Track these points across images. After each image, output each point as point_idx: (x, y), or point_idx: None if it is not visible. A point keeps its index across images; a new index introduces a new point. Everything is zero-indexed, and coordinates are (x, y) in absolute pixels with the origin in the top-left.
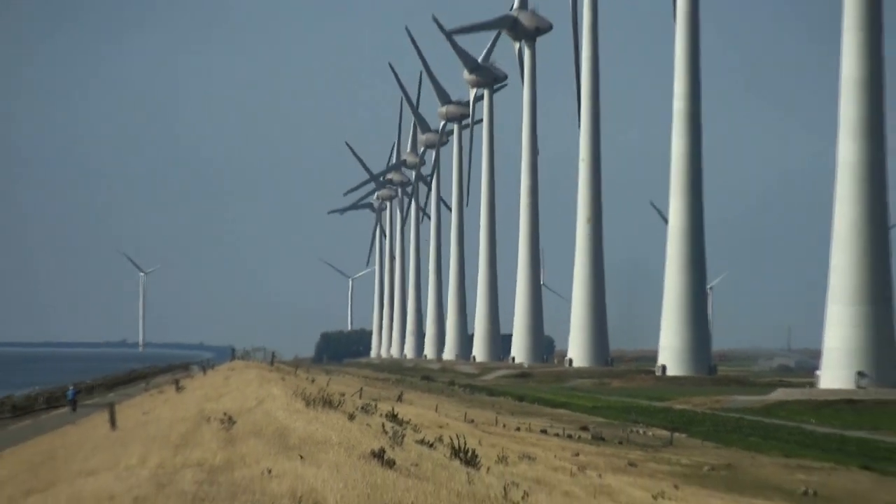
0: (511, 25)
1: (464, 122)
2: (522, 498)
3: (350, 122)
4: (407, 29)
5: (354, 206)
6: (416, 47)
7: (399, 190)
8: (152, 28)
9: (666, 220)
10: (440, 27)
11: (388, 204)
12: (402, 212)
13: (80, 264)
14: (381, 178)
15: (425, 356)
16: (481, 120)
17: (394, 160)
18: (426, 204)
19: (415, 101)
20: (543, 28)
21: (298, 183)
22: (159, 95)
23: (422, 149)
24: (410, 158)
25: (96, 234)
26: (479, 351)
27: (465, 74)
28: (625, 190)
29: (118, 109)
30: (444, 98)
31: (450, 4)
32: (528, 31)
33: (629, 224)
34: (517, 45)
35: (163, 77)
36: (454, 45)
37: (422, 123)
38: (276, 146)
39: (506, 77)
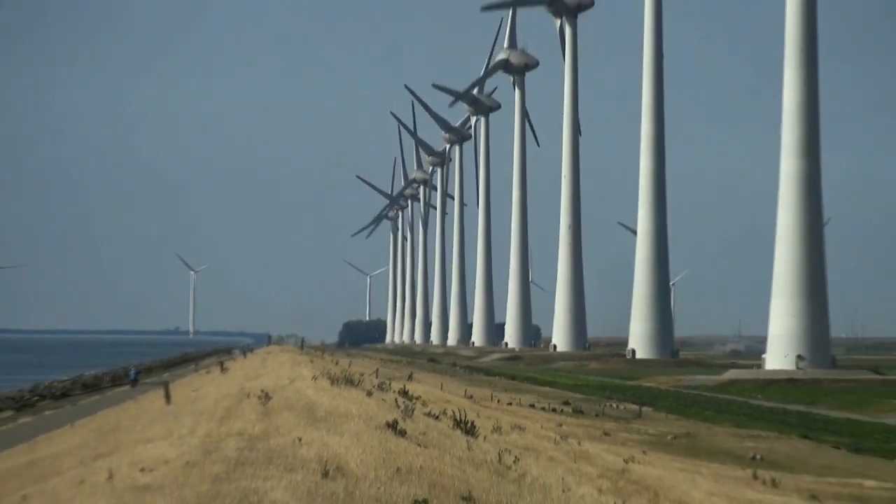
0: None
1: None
2: (514, 462)
3: (358, 150)
4: (407, 87)
5: (375, 221)
6: (415, 98)
7: (409, 202)
8: (190, 66)
9: (635, 233)
10: (446, 89)
11: (400, 213)
12: (411, 220)
13: (142, 264)
14: (395, 197)
15: (431, 342)
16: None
17: (401, 178)
18: (427, 213)
19: (417, 130)
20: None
21: (324, 200)
22: (213, 129)
23: (428, 168)
24: (419, 175)
25: (156, 239)
26: (477, 337)
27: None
28: (601, 201)
29: (181, 129)
30: (445, 126)
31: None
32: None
33: (605, 230)
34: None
35: (209, 111)
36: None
37: (425, 147)
38: (307, 177)
39: (499, 106)
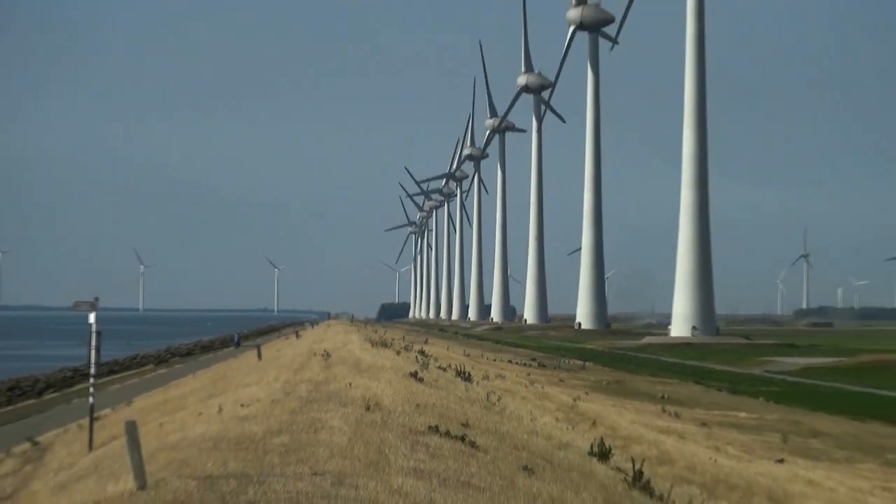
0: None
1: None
2: (497, 400)
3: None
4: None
5: (402, 226)
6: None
7: (427, 216)
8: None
9: (579, 250)
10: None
11: (424, 222)
12: (430, 228)
13: (242, 263)
14: (422, 202)
15: (441, 317)
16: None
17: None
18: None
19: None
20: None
21: (368, 211)
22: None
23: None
24: (446, 188)
25: (252, 245)
26: (472, 314)
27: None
28: (563, 216)
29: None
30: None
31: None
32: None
33: (564, 242)
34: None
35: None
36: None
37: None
38: (358, 190)
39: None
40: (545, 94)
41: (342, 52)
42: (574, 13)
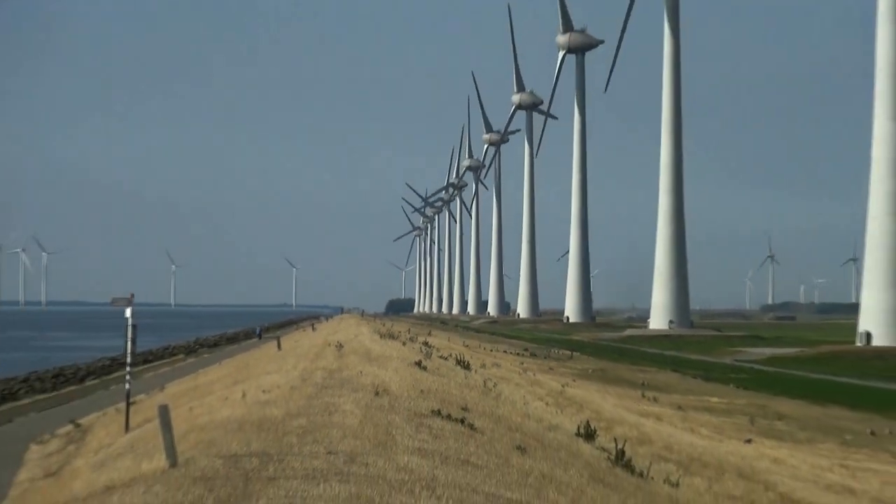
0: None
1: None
2: (493, 386)
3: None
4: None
5: (408, 233)
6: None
7: (430, 219)
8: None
9: (566, 254)
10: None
11: (427, 226)
12: (432, 233)
13: (265, 263)
14: (424, 209)
15: (443, 312)
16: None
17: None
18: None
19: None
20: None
21: (377, 215)
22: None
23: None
24: (447, 195)
25: (275, 247)
26: (471, 308)
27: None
28: (555, 216)
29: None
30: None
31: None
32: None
33: (554, 242)
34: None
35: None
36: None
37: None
38: (368, 196)
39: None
40: (542, 107)
41: (344, 73)
42: (563, 39)
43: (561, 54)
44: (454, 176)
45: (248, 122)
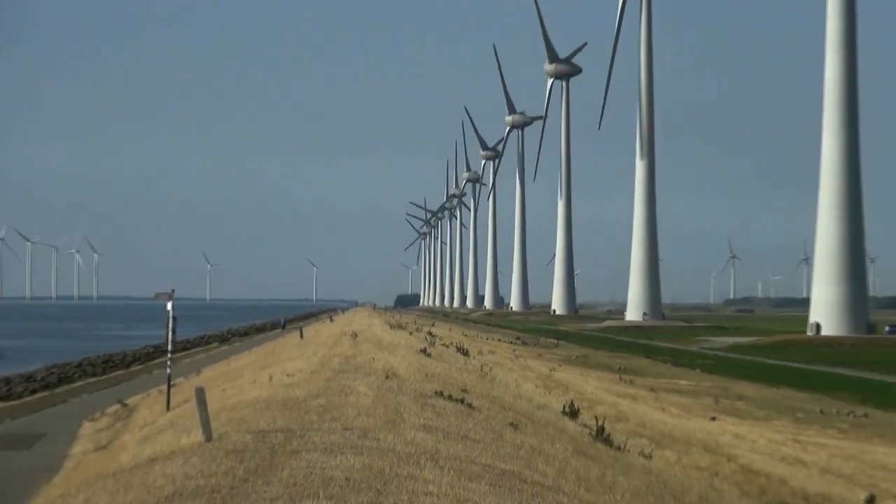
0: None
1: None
2: (489, 370)
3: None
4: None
5: (415, 240)
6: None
7: (432, 226)
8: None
9: (552, 260)
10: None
11: (431, 231)
12: (432, 238)
13: (287, 264)
14: (433, 216)
15: (445, 305)
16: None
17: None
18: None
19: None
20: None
21: (388, 220)
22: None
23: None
24: (449, 203)
25: (299, 250)
26: (470, 302)
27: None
28: (545, 218)
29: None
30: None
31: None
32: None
33: (543, 242)
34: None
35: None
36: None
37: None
38: (380, 203)
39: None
40: (532, 126)
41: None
42: (549, 68)
43: (550, 82)
44: (454, 186)
45: (276, 139)
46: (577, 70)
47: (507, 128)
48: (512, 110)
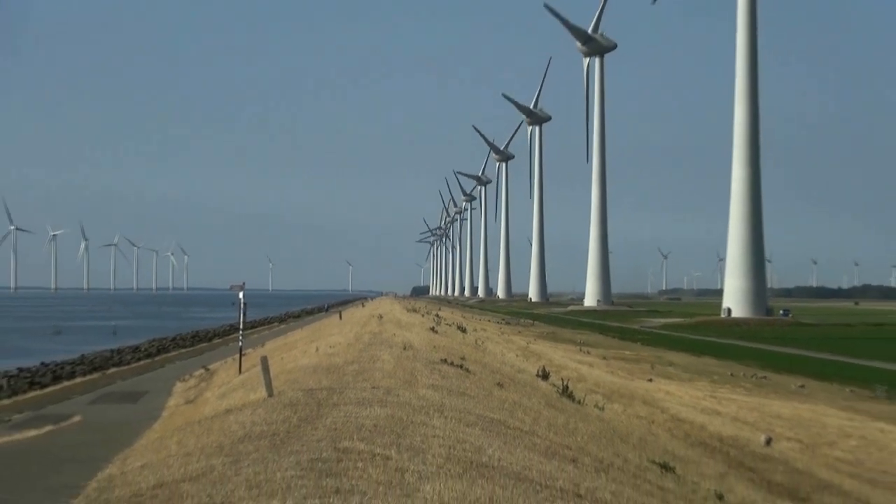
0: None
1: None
2: (482, 343)
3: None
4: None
5: (426, 239)
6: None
7: (438, 236)
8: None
9: (530, 243)
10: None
11: (436, 240)
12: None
13: (330, 263)
14: (436, 234)
15: (449, 294)
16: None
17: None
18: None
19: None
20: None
21: (404, 226)
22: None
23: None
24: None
25: (336, 253)
26: (467, 292)
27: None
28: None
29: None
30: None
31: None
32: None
33: (527, 243)
34: (587, 61)
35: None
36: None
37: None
38: (404, 217)
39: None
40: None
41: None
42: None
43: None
44: (452, 206)
45: (321, 167)
46: (546, 117)
47: (498, 163)
48: (496, 150)
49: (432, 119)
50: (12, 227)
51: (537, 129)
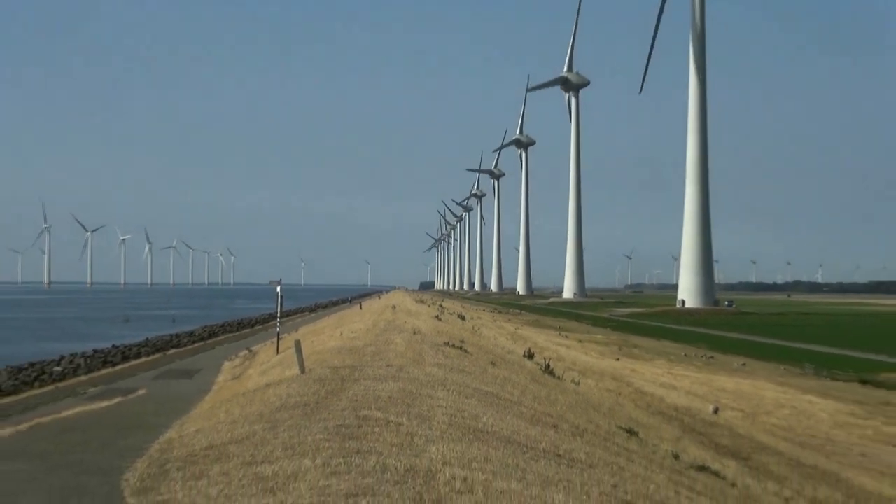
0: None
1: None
2: (478, 329)
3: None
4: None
5: (433, 246)
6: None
7: (441, 241)
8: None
9: (517, 248)
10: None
11: (446, 237)
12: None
13: (352, 263)
14: (439, 238)
15: (450, 288)
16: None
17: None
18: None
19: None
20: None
21: (414, 230)
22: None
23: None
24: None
25: (357, 253)
26: (466, 286)
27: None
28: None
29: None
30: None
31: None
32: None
33: (513, 253)
34: (567, 96)
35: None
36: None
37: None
38: (415, 222)
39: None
40: (530, 148)
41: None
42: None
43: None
44: (452, 217)
45: (344, 179)
46: (531, 142)
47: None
48: (491, 174)
49: (439, 129)
50: (88, 233)
51: (523, 152)
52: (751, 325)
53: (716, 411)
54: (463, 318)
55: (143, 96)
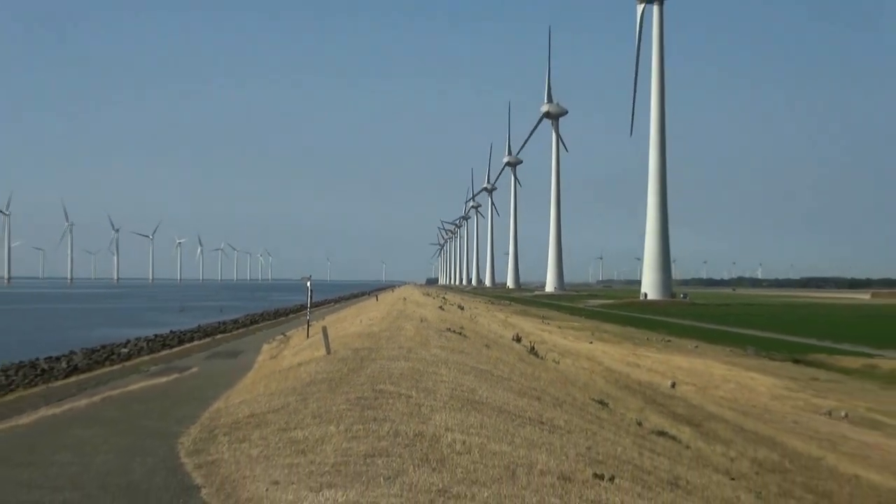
0: (545, 115)
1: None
2: (475, 318)
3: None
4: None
5: (436, 254)
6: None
7: (444, 243)
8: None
9: (506, 253)
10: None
11: (446, 241)
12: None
13: (369, 263)
14: (441, 245)
15: (452, 283)
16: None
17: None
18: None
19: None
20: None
21: (422, 234)
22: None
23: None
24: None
25: (374, 253)
26: (465, 281)
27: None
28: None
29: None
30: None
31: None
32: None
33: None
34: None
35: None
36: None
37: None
38: (422, 224)
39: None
40: (518, 168)
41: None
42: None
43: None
44: (452, 224)
45: (364, 184)
46: (518, 161)
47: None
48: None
49: (444, 138)
50: (150, 236)
51: (512, 170)
52: (702, 314)
53: (673, 386)
54: (462, 308)
55: (195, 119)
